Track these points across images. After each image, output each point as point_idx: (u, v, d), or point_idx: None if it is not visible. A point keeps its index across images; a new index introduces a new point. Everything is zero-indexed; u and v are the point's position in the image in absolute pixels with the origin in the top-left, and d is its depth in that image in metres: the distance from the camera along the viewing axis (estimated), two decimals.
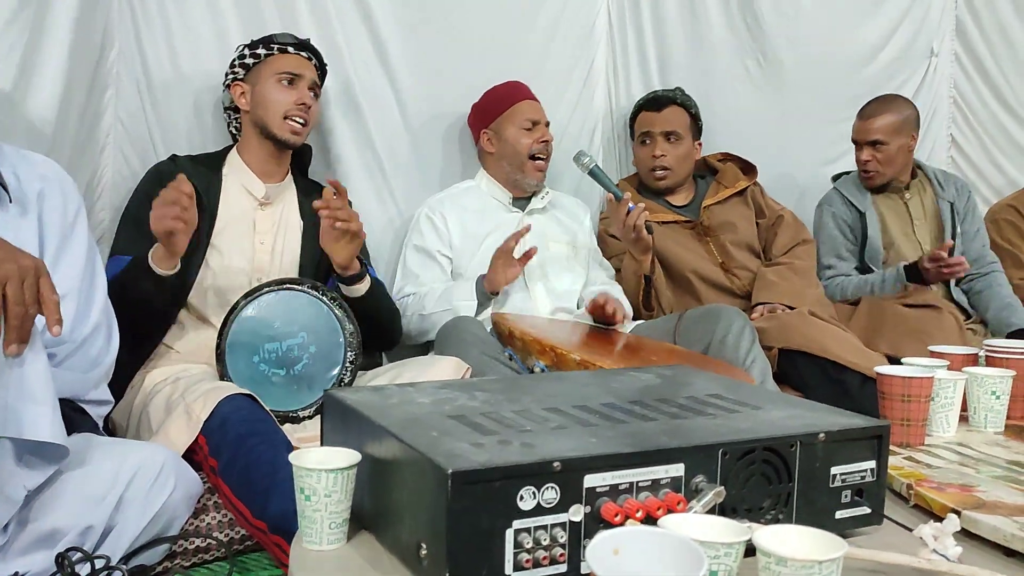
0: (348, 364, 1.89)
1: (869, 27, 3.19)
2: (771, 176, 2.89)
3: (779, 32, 3.02)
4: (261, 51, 2.09)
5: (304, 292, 1.89)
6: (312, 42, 2.18)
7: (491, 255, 2.37)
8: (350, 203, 1.99)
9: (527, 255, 2.25)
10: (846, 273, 2.83)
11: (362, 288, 1.97)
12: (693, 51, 2.95)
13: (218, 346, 1.81)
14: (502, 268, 2.23)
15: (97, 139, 2.15)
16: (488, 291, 2.25)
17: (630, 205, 2.28)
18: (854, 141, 2.85)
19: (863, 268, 2.85)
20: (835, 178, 3.01)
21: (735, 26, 3.00)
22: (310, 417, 1.83)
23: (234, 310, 1.83)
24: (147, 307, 1.81)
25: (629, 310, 2.43)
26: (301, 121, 2.07)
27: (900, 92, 3.08)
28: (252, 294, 1.85)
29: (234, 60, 2.13)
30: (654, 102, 2.72)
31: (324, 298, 1.90)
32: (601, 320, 2.30)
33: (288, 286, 1.89)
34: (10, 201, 1.50)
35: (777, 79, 3.07)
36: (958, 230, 2.86)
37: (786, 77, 3.07)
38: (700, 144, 2.78)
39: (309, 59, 2.13)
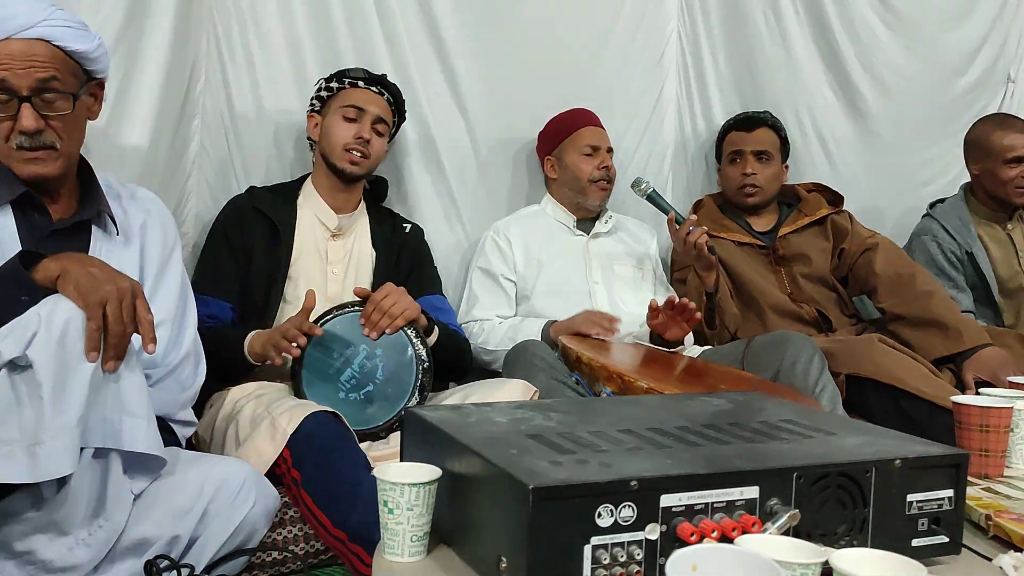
0: (421, 382, 1.90)
1: (947, 53, 3.13)
2: (856, 205, 2.82)
3: (854, 59, 3.00)
4: (334, 85, 2.18)
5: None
6: (387, 74, 2.24)
7: (555, 279, 2.41)
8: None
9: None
10: (969, 309, 2.66)
11: (431, 340, 1.97)
12: (775, 76, 2.94)
13: (293, 365, 1.87)
14: (580, 329, 2.24)
15: (184, 168, 2.25)
16: (554, 338, 2.26)
17: (691, 227, 2.31)
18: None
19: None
20: (931, 205, 2.88)
21: (812, 53, 2.98)
22: (384, 436, 1.87)
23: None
24: (233, 368, 1.91)
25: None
26: (359, 154, 2.13)
27: (978, 119, 3.02)
28: (323, 317, 1.89)
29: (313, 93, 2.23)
30: (745, 122, 2.72)
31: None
32: (660, 340, 2.31)
33: (357, 308, 1.91)
34: (117, 234, 1.59)
35: (854, 107, 3.03)
36: None
37: (863, 105, 3.03)
38: (787, 167, 2.77)
39: (380, 94, 2.19)
